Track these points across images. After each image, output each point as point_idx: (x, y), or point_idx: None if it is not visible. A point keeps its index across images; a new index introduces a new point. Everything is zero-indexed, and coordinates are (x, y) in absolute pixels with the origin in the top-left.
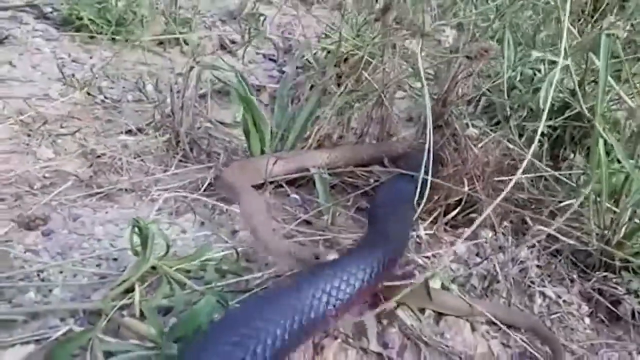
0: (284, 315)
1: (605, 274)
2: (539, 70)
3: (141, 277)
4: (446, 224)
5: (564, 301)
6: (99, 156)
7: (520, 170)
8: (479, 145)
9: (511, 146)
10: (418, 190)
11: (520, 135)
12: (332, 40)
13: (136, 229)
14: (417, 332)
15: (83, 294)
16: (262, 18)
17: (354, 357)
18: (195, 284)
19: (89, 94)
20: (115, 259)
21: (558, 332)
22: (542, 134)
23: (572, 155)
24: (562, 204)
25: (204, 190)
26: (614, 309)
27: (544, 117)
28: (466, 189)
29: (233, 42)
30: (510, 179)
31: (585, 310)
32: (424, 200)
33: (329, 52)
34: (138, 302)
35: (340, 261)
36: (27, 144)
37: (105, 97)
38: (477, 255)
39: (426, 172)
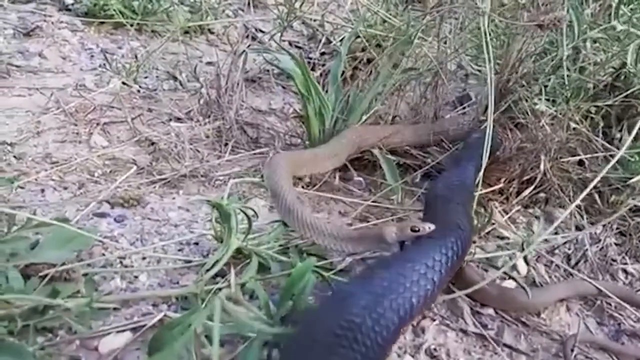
0: None
1: None
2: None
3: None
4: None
5: None
6: (153, 143)
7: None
8: (548, 123)
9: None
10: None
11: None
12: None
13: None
14: (514, 313)
15: (170, 280)
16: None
17: (454, 338)
18: (281, 264)
19: (124, 83)
20: (196, 244)
21: None
22: (595, 112)
23: (617, 135)
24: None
25: None
26: None
27: None
28: (542, 166)
29: (258, 29)
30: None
31: None
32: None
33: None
34: (234, 284)
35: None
36: (76, 132)
37: (141, 87)
38: (555, 234)
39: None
